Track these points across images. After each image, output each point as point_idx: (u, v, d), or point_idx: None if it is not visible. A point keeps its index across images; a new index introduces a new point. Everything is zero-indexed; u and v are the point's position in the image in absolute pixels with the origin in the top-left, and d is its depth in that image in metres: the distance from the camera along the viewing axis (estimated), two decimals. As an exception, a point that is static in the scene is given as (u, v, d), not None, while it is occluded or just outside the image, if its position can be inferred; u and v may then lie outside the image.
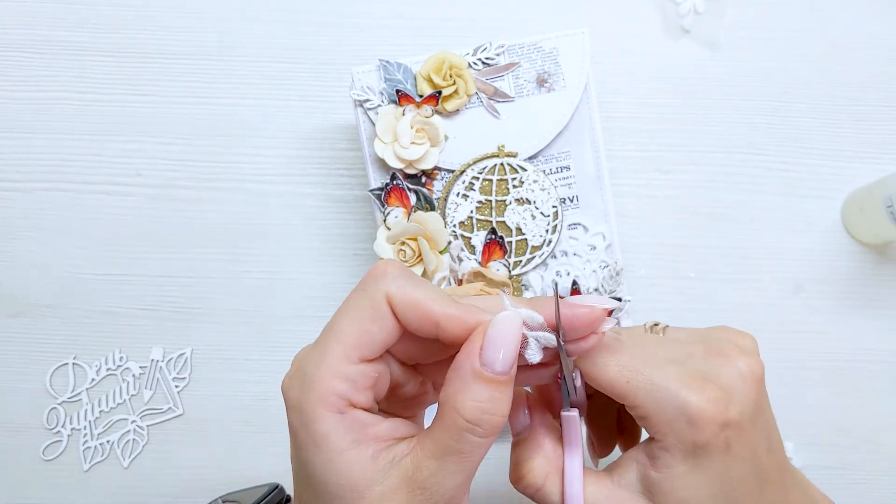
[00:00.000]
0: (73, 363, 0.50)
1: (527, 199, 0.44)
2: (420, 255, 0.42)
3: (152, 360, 0.50)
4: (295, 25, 0.51)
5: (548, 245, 0.45)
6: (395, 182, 0.43)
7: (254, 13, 0.51)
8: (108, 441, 0.49)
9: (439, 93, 0.43)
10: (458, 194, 0.44)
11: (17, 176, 0.50)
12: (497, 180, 0.44)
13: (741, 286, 0.51)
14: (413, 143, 0.43)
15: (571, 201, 0.45)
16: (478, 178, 0.44)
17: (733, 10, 0.52)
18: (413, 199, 0.44)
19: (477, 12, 0.51)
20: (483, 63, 0.44)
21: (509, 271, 0.44)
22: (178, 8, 0.51)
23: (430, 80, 0.43)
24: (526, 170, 0.44)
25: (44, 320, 0.50)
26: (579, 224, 0.45)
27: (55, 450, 0.49)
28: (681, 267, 0.51)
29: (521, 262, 0.44)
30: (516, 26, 0.51)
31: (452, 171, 0.44)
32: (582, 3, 0.52)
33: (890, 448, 0.50)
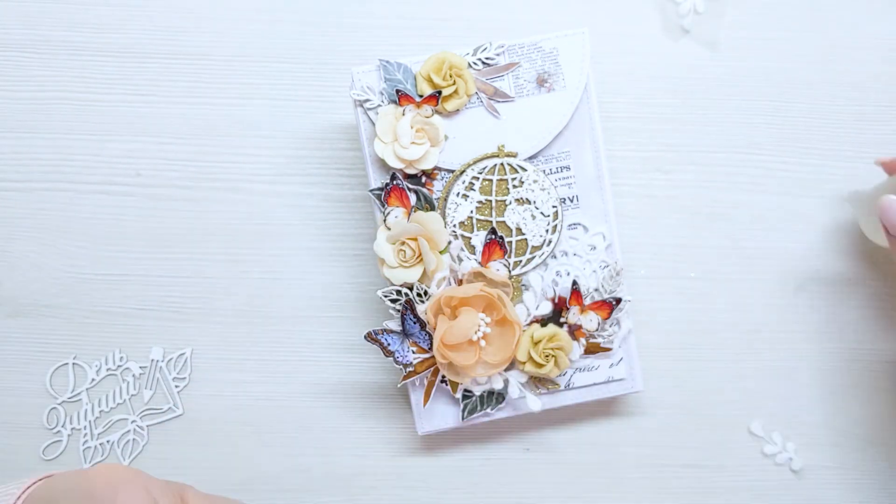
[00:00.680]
0: (73, 363, 0.50)
1: (527, 199, 0.44)
2: (420, 255, 0.42)
3: (152, 360, 0.50)
4: (295, 25, 0.51)
5: (548, 245, 0.45)
6: (395, 182, 0.43)
7: (254, 13, 0.51)
8: (108, 441, 0.49)
9: (439, 93, 0.43)
10: (458, 194, 0.44)
11: (17, 176, 0.50)
12: (497, 180, 0.44)
13: (741, 286, 0.51)
14: (413, 143, 0.43)
15: (571, 201, 0.45)
16: (478, 178, 0.44)
17: (733, 10, 0.52)
18: (413, 199, 0.44)
19: (477, 12, 0.51)
20: (483, 63, 0.44)
21: (509, 271, 0.44)
22: (178, 8, 0.51)
23: (430, 80, 0.43)
24: (526, 170, 0.44)
25: (44, 320, 0.50)
26: (579, 224, 0.45)
27: (55, 450, 0.49)
28: (681, 267, 0.51)
29: (521, 262, 0.44)
30: (516, 26, 0.51)
31: (452, 171, 0.44)
32: (582, 3, 0.52)
33: (890, 448, 0.50)
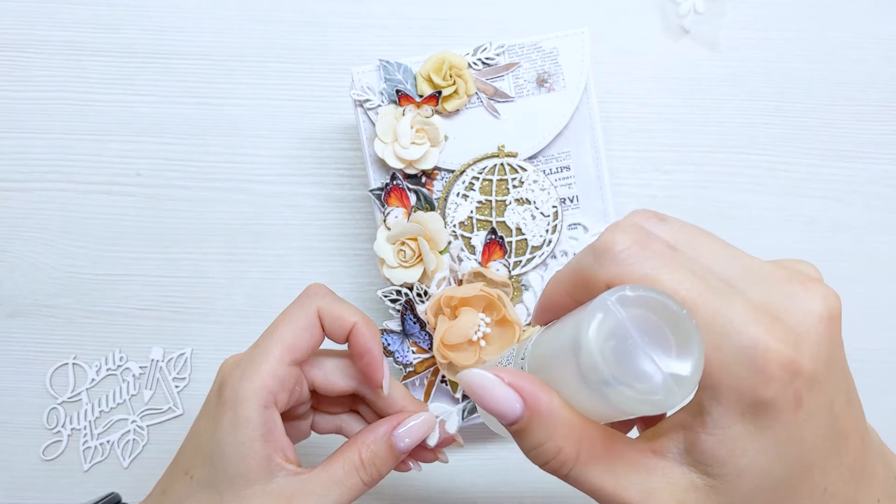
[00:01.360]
0: (73, 363, 0.50)
1: (527, 199, 0.44)
2: (420, 255, 0.42)
3: (152, 360, 0.50)
4: (295, 25, 0.51)
5: (548, 245, 0.45)
6: (395, 182, 0.43)
7: (254, 13, 0.51)
8: (108, 441, 0.49)
9: (439, 93, 0.43)
10: (458, 194, 0.44)
11: (17, 176, 0.50)
12: (497, 180, 0.44)
13: (741, 286, 0.50)
14: (413, 143, 0.43)
15: (571, 201, 0.45)
16: (478, 178, 0.44)
17: (733, 10, 0.52)
18: (413, 199, 0.44)
19: (477, 12, 0.51)
20: (483, 63, 0.44)
21: (509, 271, 0.44)
22: (178, 8, 0.51)
23: (430, 80, 0.43)
24: (526, 170, 0.44)
25: (44, 320, 0.50)
26: (579, 224, 0.45)
27: (55, 450, 0.49)
28: (681, 267, 0.51)
29: (521, 262, 0.44)
30: (516, 26, 0.51)
31: (452, 171, 0.44)
32: (582, 3, 0.52)
33: (890, 448, 0.50)
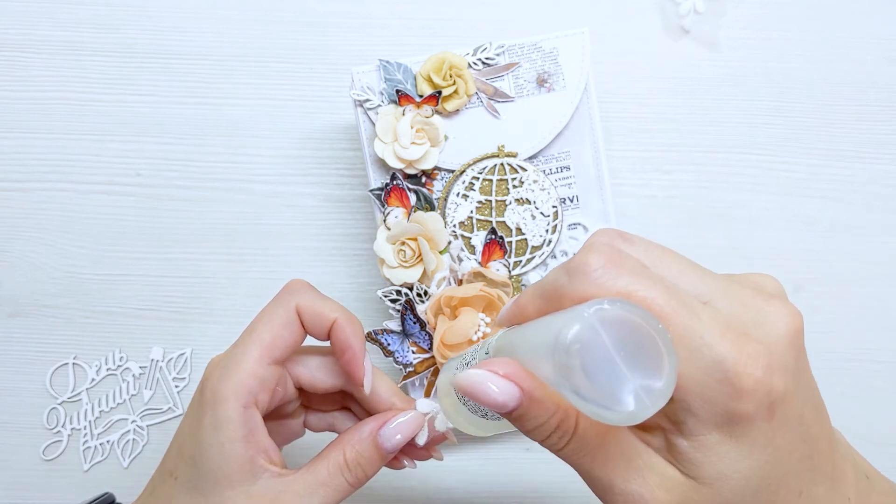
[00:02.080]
0: (73, 363, 0.50)
1: (527, 199, 0.44)
2: (420, 255, 0.42)
3: (152, 360, 0.50)
4: (295, 25, 0.51)
5: (548, 245, 0.44)
6: (395, 182, 0.43)
7: (253, 13, 0.51)
8: (108, 441, 0.49)
9: (439, 93, 0.43)
10: (458, 194, 0.44)
11: (17, 176, 0.50)
12: (497, 180, 0.44)
13: (741, 286, 0.50)
14: (413, 143, 0.43)
15: (571, 201, 0.45)
16: (478, 178, 0.44)
17: (733, 10, 0.52)
18: (413, 199, 0.44)
19: (477, 12, 0.51)
20: (483, 63, 0.44)
21: (509, 271, 0.44)
22: (178, 8, 0.51)
23: (430, 80, 0.43)
24: (526, 170, 0.44)
25: (44, 320, 0.50)
26: (579, 224, 0.45)
27: (55, 450, 0.49)
28: (681, 267, 0.51)
29: (521, 262, 0.44)
30: (516, 26, 0.51)
31: (452, 171, 0.44)
32: (582, 3, 0.52)
33: (890, 448, 0.50)
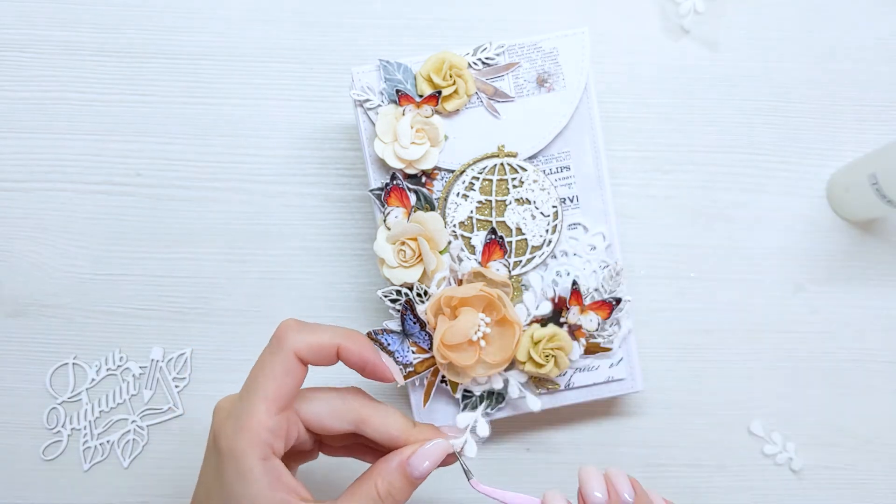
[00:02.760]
0: (73, 363, 0.50)
1: (527, 199, 0.44)
2: (420, 255, 0.42)
3: (152, 360, 0.50)
4: (295, 25, 0.51)
5: (548, 245, 0.44)
6: (395, 182, 0.43)
7: (254, 13, 0.51)
8: (108, 441, 0.49)
9: (439, 93, 0.43)
10: (458, 194, 0.44)
11: (17, 176, 0.50)
12: (497, 180, 0.44)
13: (741, 286, 0.51)
14: (413, 143, 0.43)
15: (571, 201, 0.45)
16: (478, 178, 0.44)
17: (733, 10, 0.52)
18: (413, 199, 0.44)
19: (477, 12, 0.51)
20: (483, 63, 0.44)
21: (509, 271, 0.44)
22: (178, 8, 0.51)
23: (430, 80, 0.43)
24: (526, 170, 0.44)
25: (44, 320, 0.50)
26: (579, 224, 0.45)
27: (55, 450, 0.49)
28: (681, 267, 0.51)
29: (521, 262, 0.44)
30: (516, 26, 0.51)
31: (452, 171, 0.44)
32: (582, 3, 0.52)
33: (890, 448, 0.50)
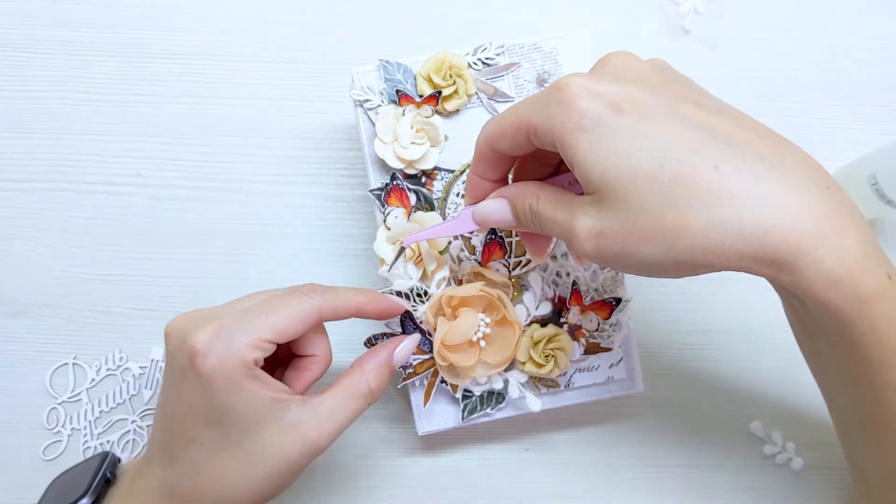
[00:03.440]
0: (73, 363, 0.50)
1: (527, 199, 0.44)
2: (420, 255, 0.42)
3: (152, 360, 0.50)
4: (295, 25, 0.51)
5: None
6: (395, 182, 0.43)
7: (254, 13, 0.51)
8: (108, 441, 0.49)
9: (439, 93, 0.43)
10: (458, 194, 0.44)
11: (17, 176, 0.50)
12: (497, 180, 0.44)
13: (741, 286, 0.51)
14: (413, 143, 0.43)
15: (571, 201, 0.45)
16: (478, 178, 0.44)
17: (733, 11, 0.52)
18: (413, 199, 0.44)
19: (477, 12, 0.52)
20: (483, 63, 0.44)
21: (509, 271, 0.44)
22: (178, 8, 0.51)
23: (430, 80, 0.43)
24: (526, 170, 0.44)
25: (44, 320, 0.50)
26: (579, 224, 0.45)
27: (55, 450, 0.49)
28: (681, 267, 0.51)
29: (521, 262, 0.44)
30: (516, 26, 0.51)
31: (452, 171, 0.44)
32: (582, 3, 0.52)
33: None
